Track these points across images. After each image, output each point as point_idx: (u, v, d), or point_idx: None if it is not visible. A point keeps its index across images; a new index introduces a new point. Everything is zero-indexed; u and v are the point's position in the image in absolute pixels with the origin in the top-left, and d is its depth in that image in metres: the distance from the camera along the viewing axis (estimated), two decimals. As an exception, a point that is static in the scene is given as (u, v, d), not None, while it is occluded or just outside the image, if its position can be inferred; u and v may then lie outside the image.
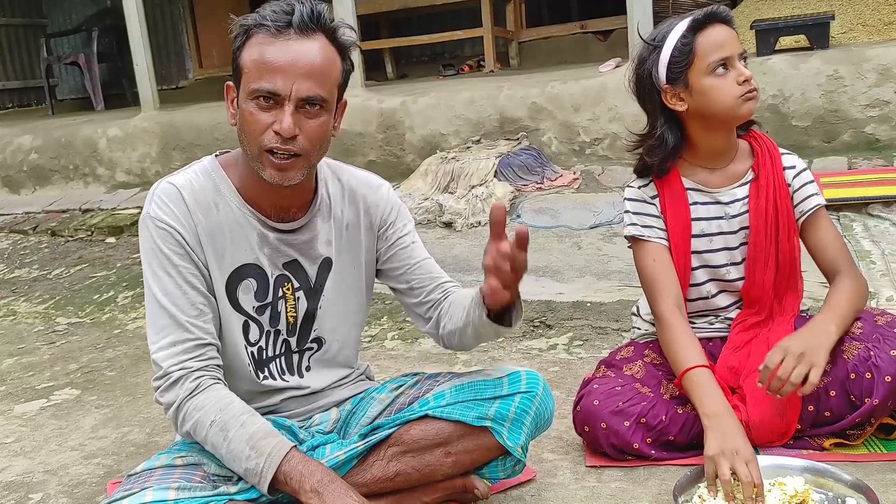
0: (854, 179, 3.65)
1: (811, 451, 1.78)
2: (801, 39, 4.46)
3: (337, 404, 1.72)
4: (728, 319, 1.97)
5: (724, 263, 1.93)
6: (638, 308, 2.13)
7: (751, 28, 4.45)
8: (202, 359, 1.50)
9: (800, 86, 4.09)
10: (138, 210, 4.98)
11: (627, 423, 1.79)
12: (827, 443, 1.79)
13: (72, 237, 4.98)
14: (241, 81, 1.46)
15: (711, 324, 1.99)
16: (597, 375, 1.95)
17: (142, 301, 3.68)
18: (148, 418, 2.44)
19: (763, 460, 1.63)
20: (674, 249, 1.91)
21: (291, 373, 1.66)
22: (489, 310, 1.48)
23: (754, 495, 1.51)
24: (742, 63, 1.80)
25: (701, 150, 1.91)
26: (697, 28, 1.80)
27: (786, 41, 4.49)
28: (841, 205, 3.48)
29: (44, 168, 5.86)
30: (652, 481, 1.75)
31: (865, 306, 1.87)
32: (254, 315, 1.59)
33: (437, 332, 1.69)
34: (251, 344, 1.60)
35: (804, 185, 1.91)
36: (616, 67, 4.74)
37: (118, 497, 1.40)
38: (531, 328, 2.88)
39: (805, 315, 1.99)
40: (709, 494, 1.57)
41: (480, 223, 4.02)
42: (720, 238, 1.93)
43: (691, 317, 1.94)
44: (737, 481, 1.54)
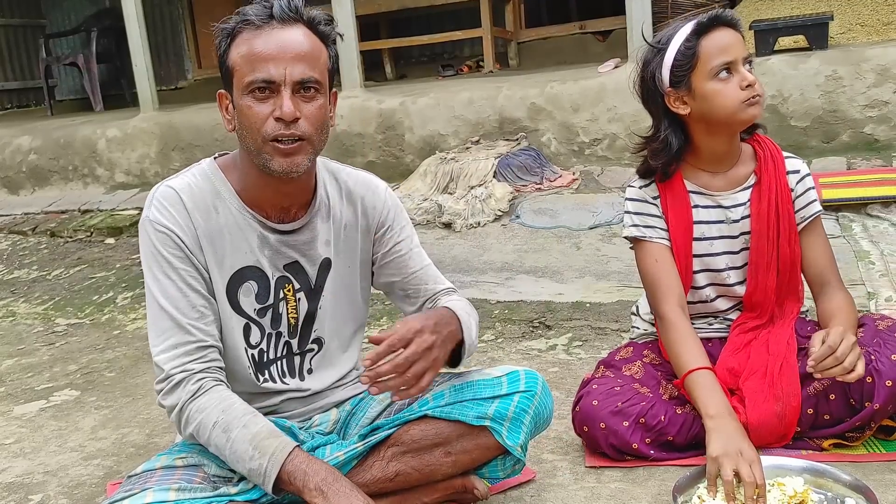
0: (853, 180, 3.66)
1: (810, 452, 1.78)
2: (800, 40, 4.47)
3: (336, 405, 1.72)
4: (728, 320, 1.97)
5: (725, 267, 1.93)
6: (637, 308, 2.13)
7: (750, 28, 4.45)
8: (204, 361, 1.50)
9: (799, 86, 4.09)
10: (137, 211, 4.99)
11: (626, 424, 1.79)
12: (826, 443, 1.79)
13: (71, 238, 4.98)
14: (234, 80, 1.47)
15: (710, 324, 1.99)
16: (596, 376, 1.95)
17: (141, 302, 3.68)
18: (148, 419, 2.44)
19: (762, 460, 1.62)
20: (675, 251, 1.91)
21: (292, 375, 1.66)
22: None
23: (755, 496, 1.51)
24: (747, 67, 1.78)
25: (703, 154, 1.90)
26: (701, 31, 1.78)
27: (785, 41, 4.50)
28: (840, 205, 3.49)
29: (43, 169, 5.86)
30: (651, 482, 1.75)
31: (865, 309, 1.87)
32: (255, 317, 1.60)
33: None
34: (252, 347, 1.60)
35: (807, 191, 1.91)
36: (615, 68, 4.73)
37: (118, 498, 1.40)
38: (531, 329, 2.88)
39: (804, 318, 1.99)
40: (708, 495, 1.57)
41: (480, 224, 4.02)
42: (721, 242, 1.92)
43: (691, 317, 1.94)
44: (737, 482, 1.54)
